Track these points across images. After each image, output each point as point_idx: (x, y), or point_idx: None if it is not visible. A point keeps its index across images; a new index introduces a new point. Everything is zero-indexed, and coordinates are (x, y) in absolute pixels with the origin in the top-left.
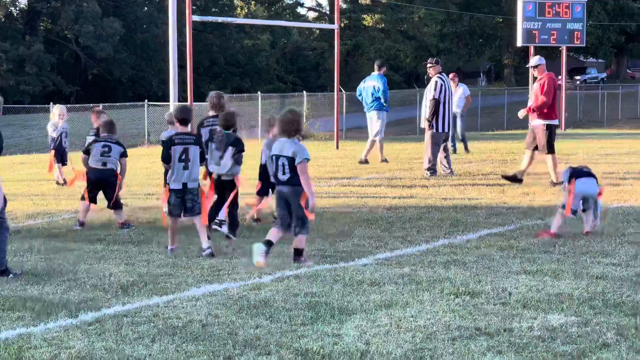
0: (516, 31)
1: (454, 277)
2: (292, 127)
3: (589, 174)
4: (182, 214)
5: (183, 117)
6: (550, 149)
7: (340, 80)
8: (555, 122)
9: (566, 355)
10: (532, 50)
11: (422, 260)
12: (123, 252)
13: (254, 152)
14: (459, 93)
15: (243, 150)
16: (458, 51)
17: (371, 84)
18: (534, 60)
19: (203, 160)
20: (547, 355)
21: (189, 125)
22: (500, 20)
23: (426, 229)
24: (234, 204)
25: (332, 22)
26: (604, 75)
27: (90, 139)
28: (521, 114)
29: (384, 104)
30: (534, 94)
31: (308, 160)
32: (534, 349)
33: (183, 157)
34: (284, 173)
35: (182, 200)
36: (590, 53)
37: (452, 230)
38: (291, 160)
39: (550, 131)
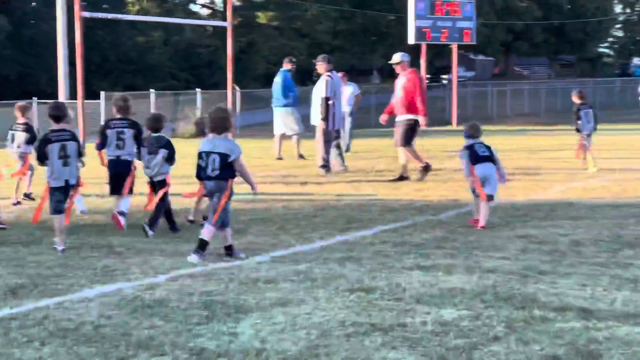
0: (408, 29)
1: (349, 274)
2: (222, 124)
3: (484, 158)
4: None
5: (56, 114)
6: (407, 142)
7: (234, 77)
8: (418, 117)
9: (458, 349)
10: (424, 48)
11: (318, 257)
12: (11, 253)
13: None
14: (348, 91)
15: (174, 153)
16: (351, 49)
17: (276, 80)
18: (397, 56)
19: (80, 155)
20: (440, 350)
21: (64, 122)
22: (393, 18)
23: (321, 226)
24: (162, 202)
25: (225, 19)
26: (471, 74)
27: (13, 133)
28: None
29: (287, 100)
30: (403, 89)
31: (241, 153)
32: (427, 344)
33: (62, 153)
34: (213, 170)
35: (65, 198)
36: (479, 51)
37: (347, 227)
38: (223, 156)
39: (413, 126)
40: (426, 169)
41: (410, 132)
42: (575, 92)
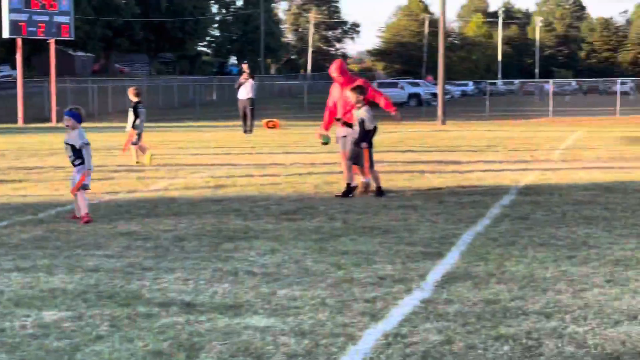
0: (1, 22)
1: None
2: None
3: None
4: None
5: None
6: None
7: None
8: None
9: (59, 351)
10: (19, 42)
11: None
12: None
13: None
14: None
15: None
16: None
17: None
18: None
19: None
20: (40, 353)
21: None
22: None
23: None
24: None
25: None
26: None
27: None
28: None
29: None
30: None
31: None
32: (27, 348)
33: None
34: None
35: None
36: (80, 47)
37: None
38: None
39: None
40: None
41: None
42: (133, 90)
